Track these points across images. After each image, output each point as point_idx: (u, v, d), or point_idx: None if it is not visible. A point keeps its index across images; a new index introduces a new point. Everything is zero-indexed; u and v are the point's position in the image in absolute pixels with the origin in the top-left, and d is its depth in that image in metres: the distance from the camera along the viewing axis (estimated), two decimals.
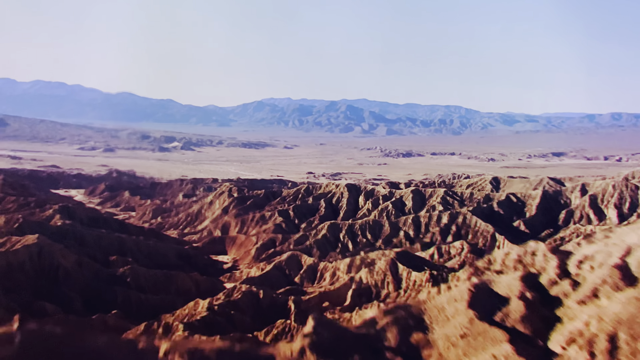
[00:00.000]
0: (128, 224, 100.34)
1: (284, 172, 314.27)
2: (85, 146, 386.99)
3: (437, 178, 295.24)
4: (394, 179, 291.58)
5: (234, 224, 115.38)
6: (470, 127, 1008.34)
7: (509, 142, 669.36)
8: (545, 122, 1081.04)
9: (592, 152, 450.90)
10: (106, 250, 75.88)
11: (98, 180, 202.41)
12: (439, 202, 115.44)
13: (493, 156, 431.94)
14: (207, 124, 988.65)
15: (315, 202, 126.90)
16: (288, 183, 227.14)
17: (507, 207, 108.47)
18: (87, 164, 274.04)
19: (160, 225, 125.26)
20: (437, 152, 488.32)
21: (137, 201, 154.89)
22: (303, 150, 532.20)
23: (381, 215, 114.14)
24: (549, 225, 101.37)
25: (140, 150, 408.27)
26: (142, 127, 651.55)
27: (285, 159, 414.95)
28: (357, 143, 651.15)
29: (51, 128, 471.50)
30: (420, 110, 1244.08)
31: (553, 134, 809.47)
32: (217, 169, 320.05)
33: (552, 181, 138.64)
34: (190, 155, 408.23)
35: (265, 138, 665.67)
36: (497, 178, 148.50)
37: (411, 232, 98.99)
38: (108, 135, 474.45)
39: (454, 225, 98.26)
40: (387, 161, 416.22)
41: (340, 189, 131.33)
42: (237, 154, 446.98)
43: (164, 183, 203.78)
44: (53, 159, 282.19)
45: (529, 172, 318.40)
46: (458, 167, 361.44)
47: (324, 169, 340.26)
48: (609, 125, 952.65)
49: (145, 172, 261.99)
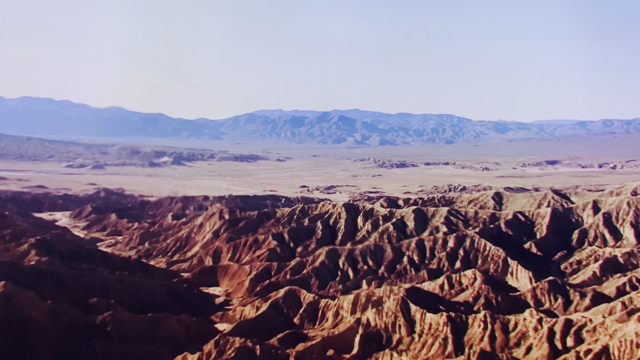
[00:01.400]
0: (112, 256, 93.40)
1: (277, 186, 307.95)
2: (74, 163, 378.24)
3: (434, 190, 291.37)
4: (389, 191, 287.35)
5: (226, 250, 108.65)
6: (463, 136, 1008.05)
7: (502, 150, 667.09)
8: (538, 130, 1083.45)
9: (586, 160, 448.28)
10: (87, 290, 69.03)
11: (85, 200, 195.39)
12: (443, 223, 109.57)
13: (487, 165, 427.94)
14: (199, 137, 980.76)
15: (312, 224, 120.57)
16: (282, 199, 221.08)
17: (516, 227, 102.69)
18: (75, 182, 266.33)
19: (148, 252, 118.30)
20: (431, 162, 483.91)
21: (124, 224, 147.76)
22: (296, 162, 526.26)
23: (382, 237, 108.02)
24: (562, 246, 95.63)
25: (130, 166, 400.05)
26: (132, 141, 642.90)
27: (278, 172, 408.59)
28: (350, 154, 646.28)
29: (39, 146, 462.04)
30: (413, 119, 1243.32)
31: (546, 142, 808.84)
32: (209, 184, 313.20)
33: (557, 195, 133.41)
34: (181, 170, 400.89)
35: (258, 151, 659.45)
36: (500, 193, 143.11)
37: (416, 258, 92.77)
38: (97, 152, 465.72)
39: (461, 249, 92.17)
40: (381, 172, 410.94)
41: (338, 209, 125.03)
42: (229, 167, 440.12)
43: (153, 202, 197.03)
44: (40, 178, 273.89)
45: (524, 181, 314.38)
46: (453, 177, 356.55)
47: (318, 181, 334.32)
48: (601, 132, 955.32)
49: (135, 190, 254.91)
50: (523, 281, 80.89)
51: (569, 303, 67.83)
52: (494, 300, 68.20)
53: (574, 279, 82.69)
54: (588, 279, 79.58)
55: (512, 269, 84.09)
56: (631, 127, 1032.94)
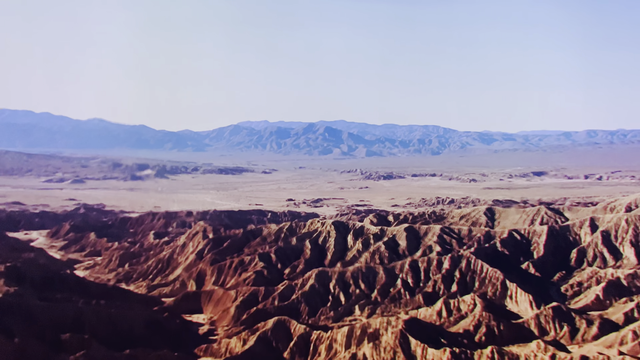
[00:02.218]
0: (89, 283, 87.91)
1: (263, 199, 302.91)
2: (53, 178, 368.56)
3: (422, 202, 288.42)
4: (377, 204, 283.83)
5: (210, 272, 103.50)
6: (449, 147, 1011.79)
7: (489, 161, 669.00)
8: (523, 141, 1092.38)
9: (572, 171, 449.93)
10: (59, 324, 63.75)
11: (63, 218, 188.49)
12: (436, 242, 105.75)
13: (474, 176, 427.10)
14: (183, 149, 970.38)
15: (300, 243, 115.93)
16: (268, 214, 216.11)
17: (512, 247, 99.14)
18: (54, 197, 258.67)
19: (128, 275, 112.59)
20: (418, 173, 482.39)
21: (103, 244, 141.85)
22: (282, 174, 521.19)
23: (373, 257, 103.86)
24: (561, 266, 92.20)
25: (112, 179, 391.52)
26: (114, 154, 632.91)
27: (264, 185, 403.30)
28: (336, 165, 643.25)
29: (17, 159, 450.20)
30: (399, 130, 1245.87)
31: (531, 153, 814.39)
32: (193, 198, 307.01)
33: (550, 211, 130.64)
34: (164, 184, 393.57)
35: (243, 163, 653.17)
36: (492, 209, 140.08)
37: (410, 280, 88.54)
38: (78, 165, 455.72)
39: (457, 271, 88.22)
40: (369, 184, 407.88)
41: (327, 227, 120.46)
42: (214, 180, 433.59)
43: (134, 219, 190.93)
44: (17, 194, 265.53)
45: (512, 193, 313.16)
46: (440, 189, 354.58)
47: (305, 194, 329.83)
48: (585, 142, 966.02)
49: (116, 205, 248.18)
50: (523, 305, 77.17)
51: (575, 331, 64.05)
52: (496, 329, 64.25)
53: (575, 302, 79.18)
54: (591, 302, 76.11)
55: (511, 292, 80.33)
56: (615, 137, 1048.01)
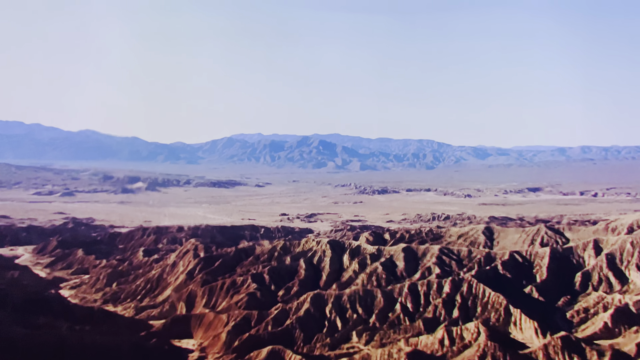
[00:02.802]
0: (74, 307, 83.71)
1: (256, 213, 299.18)
2: (42, 190, 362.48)
3: (417, 218, 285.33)
4: (371, 220, 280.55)
5: (201, 294, 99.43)
6: (443, 161, 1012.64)
7: (483, 176, 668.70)
8: (517, 156, 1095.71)
9: (567, 187, 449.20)
10: (41, 353, 59.80)
11: (51, 232, 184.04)
12: (435, 263, 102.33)
13: (469, 192, 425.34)
14: (175, 161, 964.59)
15: (294, 262, 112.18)
16: (261, 229, 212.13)
17: (514, 269, 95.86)
18: (43, 211, 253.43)
19: (116, 295, 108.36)
20: (413, 188, 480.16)
21: (91, 261, 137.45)
22: (275, 188, 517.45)
23: (370, 279, 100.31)
24: (565, 290, 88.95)
25: (102, 192, 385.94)
26: (105, 166, 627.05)
27: (257, 199, 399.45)
28: (330, 179, 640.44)
29: (5, 171, 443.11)
30: (393, 144, 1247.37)
31: (526, 168, 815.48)
32: (184, 211, 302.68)
33: (551, 231, 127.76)
34: (155, 197, 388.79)
35: (236, 176, 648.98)
36: (490, 228, 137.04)
37: (409, 305, 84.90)
38: (68, 177, 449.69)
39: (458, 295, 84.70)
40: (363, 199, 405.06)
41: (322, 247, 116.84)
42: (206, 194, 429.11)
43: (124, 234, 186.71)
44: (4, 207, 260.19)
45: (507, 209, 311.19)
46: (435, 204, 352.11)
47: (298, 208, 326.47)
48: (580, 158, 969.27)
49: (105, 219, 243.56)
50: (528, 332, 73.79)
51: None
52: None
53: (582, 330, 75.84)
54: (599, 330, 72.77)
55: (516, 318, 76.91)
56: (609, 153, 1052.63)
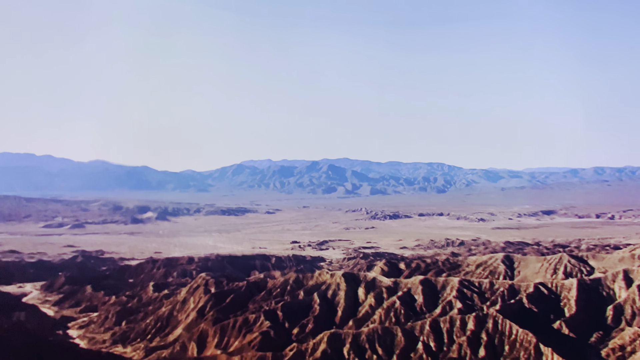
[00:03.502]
0: (80, 351, 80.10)
1: (267, 242, 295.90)
2: (52, 223, 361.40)
3: (431, 244, 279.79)
4: (384, 246, 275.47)
5: (212, 333, 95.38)
6: (454, 185, 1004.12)
7: (496, 199, 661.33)
8: (529, 178, 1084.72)
9: (582, 210, 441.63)
10: None
11: (60, 267, 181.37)
12: (455, 297, 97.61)
13: (482, 216, 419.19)
14: (185, 190, 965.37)
15: (307, 297, 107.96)
16: (272, 258, 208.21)
17: (540, 303, 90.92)
18: (52, 244, 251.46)
19: (125, 335, 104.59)
20: (425, 212, 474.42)
21: (100, 298, 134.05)
22: (286, 214, 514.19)
23: (388, 314, 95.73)
24: (596, 325, 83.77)
25: (112, 223, 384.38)
26: (115, 196, 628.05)
27: (268, 226, 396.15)
28: (341, 204, 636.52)
29: (15, 204, 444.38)
30: (403, 168, 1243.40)
31: (539, 190, 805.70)
32: (195, 241, 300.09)
33: (574, 259, 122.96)
34: (165, 226, 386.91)
35: (246, 203, 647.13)
36: (510, 257, 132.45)
37: (432, 344, 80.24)
38: (78, 209, 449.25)
39: (483, 333, 79.94)
40: (375, 224, 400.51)
41: (336, 279, 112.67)
42: (216, 222, 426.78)
43: (133, 267, 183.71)
44: (14, 241, 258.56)
45: (522, 233, 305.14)
46: (449, 229, 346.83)
47: (309, 236, 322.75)
48: (593, 180, 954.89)
49: (115, 251, 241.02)
50: None
51: None
52: None
53: None
54: None
55: (547, 357, 71.96)
56: (623, 174, 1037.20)
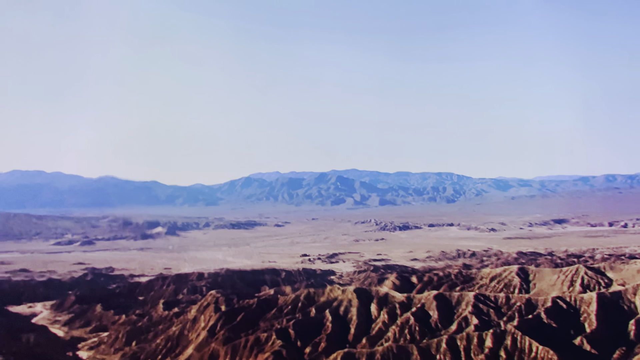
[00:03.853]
0: None
1: (276, 255, 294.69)
2: (62, 240, 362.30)
3: (442, 256, 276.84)
4: (395, 258, 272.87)
5: (223, 354, 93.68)
6: (464, 194, 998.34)
7: (506, 209, 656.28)
8: (540, 187, 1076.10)
9: (595, 218, 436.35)
10: None
11: (69, 286, 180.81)
12: (471, 312, 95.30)
13: (493, 226, 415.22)
14: (194, 204, 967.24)
15: (319, 314, 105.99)
16: (282, 272, 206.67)
17: (559, 318, 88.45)
18: (62, 262, 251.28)
19: (135, 356, 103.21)
20: (435, 223, 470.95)
21: (110, 317, 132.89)
22: (295, 227, 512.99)
23: (402, 331, 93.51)
24: (619, 341, 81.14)
25: (122, 239, 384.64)
26: (125, 212, 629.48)
27: (277, 239, 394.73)
28: (350, 216, 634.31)
29: (25, 222, 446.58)
30: (412, 178, 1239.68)
31: (549, 199, 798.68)
32: (204, 255, 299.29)
33: (591, 271, 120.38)
34: (175, 241, 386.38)
35: (255, 216, 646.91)
36: (525, 269, 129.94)
37: None
38: (87, 225, 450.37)
39: (502, 350, 77.73)
40: (384, 235, 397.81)
41: (348, 295, 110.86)
42: (226, 236, 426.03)
43: (143, 284, 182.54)
44: (24, 260, 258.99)
45: (534, 243, 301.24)
46: (459, 240, 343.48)
47: (319, 248, 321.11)
48: (604, 187, 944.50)
49: (125, 268, 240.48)
50: None
51: None
52: None
53: None
54: None
55: None
56: (635, 182, 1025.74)
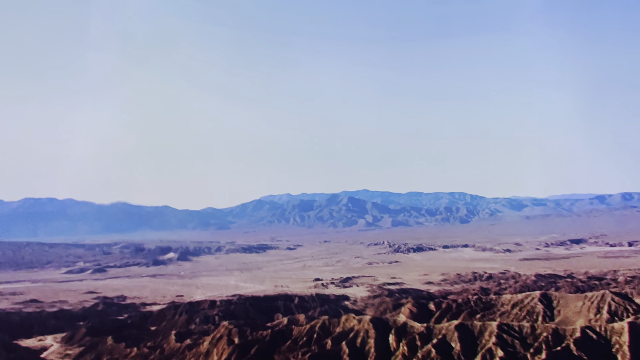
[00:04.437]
0: None
1: (289, 280, 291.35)
2: (74, 268, 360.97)
3: (457, 279, 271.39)
4: (409, 282, 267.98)
5: None
6: (477, 214, 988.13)
7: (521, 229, 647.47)
8: (554, 205, 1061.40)
9: (613, 238, 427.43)
10: None
11: (80, 316, 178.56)
12: (495, 343, 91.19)
13: (508, 246, 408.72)
14: (206, 228, 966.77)
15: (335, 347, 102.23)
16: (295, 298, 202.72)
17: (589, 349, 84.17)
18: (73, 292, 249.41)
19: None
20: (449, 244, 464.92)
21: (121, 350, 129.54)
22: (307, 250, 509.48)
23: None
24: None
25: (134, 266, 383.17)
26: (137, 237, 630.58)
27: (289, 263, 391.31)
28: (362, 237, 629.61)
29: (37, 251, 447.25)
30: (424, 198, 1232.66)
31: (565, 218, 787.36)
32: (217, 281, 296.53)
33: (617, 297, 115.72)
34: (187, 267, 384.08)
35: (266, 239, 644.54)
36: (548, 295, 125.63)
37: None
38: (99, 252, 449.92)
39: None
40: (398, 258, 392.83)
41: (365, 325, 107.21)
42: (238, 260, 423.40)
43: (155, 314, 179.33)
44: (35, 289, 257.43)
45: (552, 264, 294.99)
46: (475, 262, 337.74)
47: (332, 272, 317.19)
48: (621, 206, 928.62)
49: (137, 296, 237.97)
50: None
51: None
52: None
53: None
54: None
55: None
56: None
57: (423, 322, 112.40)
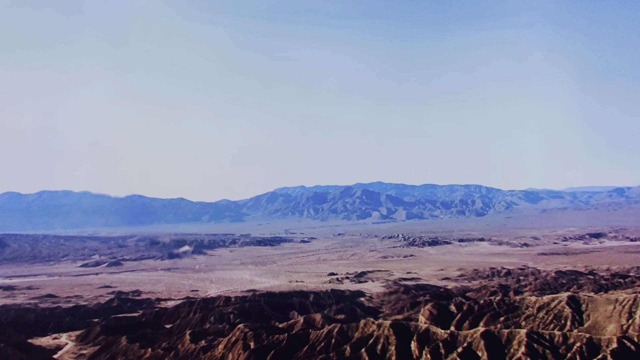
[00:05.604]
0: None
1: (303, 274, 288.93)
2: (89, 262, 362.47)
3: (475, 274, 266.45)
4: (425, 277, 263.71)
5: None
6: (493, 207, 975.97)
7: (538, 222, 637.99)
8: (571, 198, 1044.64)
9: (634, 232, 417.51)
10: None
11: (95, 313, 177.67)
12: (525, 353, 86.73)
13: (525, 240, 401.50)
14: (220, 220, 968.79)
15: (355, 354, 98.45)
16: (310, 295, 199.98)
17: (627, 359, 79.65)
18: (88, 286, 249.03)
19: None
20: (465, 238, 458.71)
21: (135, 351, 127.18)
22: (321, 243, 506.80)
23: None
24: None
25: (149, 259, 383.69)
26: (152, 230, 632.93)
27: (303, 257, 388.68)
28: (377, 230, 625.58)
29: (54, 244, 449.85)
30: (439, 191, 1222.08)
31: (583, 211, 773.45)
32: (231, 275, 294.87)
33: None
34: (201, 260, 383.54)
35: (281, 232, 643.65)
36: (576, 298, 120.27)
37: None
38: (115, 245, 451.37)
39: None
40: (413, 252, 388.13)
41: (384, 331, 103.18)
42: (252, 254, 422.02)
43: (169, 311, 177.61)
44: (51, 284, 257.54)
45: (572, 259, 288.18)
46: (491, 256, 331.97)
47: (346, 266, 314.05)
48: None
49: (152, 291, 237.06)
50: None
51: None
52: None
53: None
54: None
55: None
56: None
57: (444, 325, 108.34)
